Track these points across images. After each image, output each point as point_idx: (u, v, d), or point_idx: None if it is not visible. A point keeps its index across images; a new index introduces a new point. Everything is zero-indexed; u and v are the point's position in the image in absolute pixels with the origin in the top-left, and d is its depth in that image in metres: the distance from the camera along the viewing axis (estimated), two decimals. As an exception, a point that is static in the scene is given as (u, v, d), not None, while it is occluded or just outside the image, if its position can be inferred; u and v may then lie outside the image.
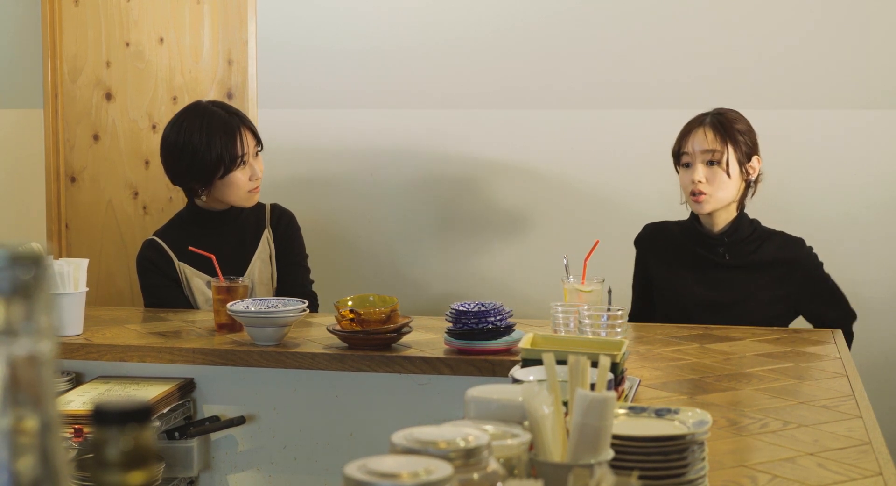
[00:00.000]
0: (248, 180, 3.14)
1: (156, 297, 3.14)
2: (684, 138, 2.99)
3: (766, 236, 3.03)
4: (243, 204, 3.18)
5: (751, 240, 3.01)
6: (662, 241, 3.09)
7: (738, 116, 3.01)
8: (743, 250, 3.00)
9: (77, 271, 2.67)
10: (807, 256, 3.02)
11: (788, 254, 3.00)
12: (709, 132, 2.95)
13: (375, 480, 1.06)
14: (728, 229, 3.00)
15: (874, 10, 3.58)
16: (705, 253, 3.01)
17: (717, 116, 2.98)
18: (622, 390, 1.91)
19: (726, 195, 2.95)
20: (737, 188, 2.97)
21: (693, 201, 2.96)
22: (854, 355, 2.66)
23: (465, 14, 3.79)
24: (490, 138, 3.80)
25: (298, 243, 3.28)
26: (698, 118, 3.01)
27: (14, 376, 0.72)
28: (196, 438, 2.61)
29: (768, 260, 2.99)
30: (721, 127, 2.95)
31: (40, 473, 0.73)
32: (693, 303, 2.99)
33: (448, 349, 2.53)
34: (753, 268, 2.98)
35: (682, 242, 3.05)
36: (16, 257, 0.72)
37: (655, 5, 3.68)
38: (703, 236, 3.01)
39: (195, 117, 3.13)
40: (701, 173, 2.93)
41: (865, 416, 2.02)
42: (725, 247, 3.00)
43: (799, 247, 3.02)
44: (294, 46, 3.90)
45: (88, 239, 4.11)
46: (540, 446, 1.33)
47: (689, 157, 2.96)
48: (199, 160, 3.09)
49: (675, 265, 3.04)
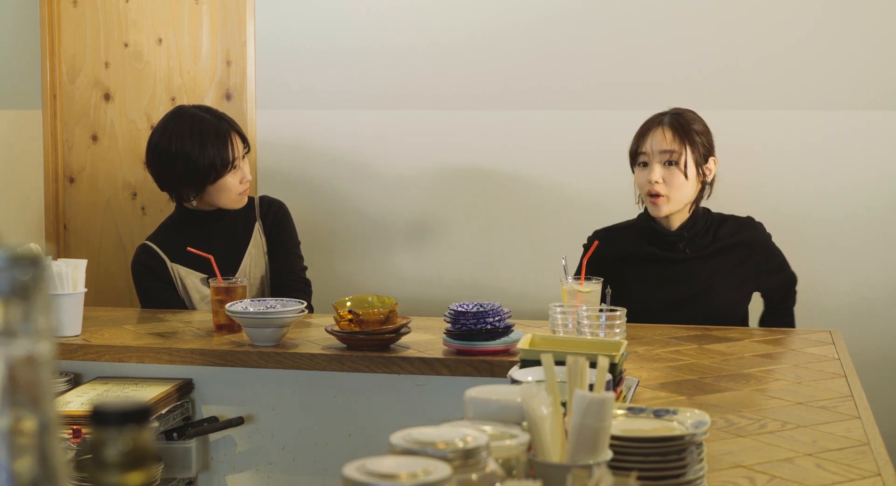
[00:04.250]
0: (239, 183, 3.16)
1: (152, 300, 3.16)
2: (642, 138, 2.97)
3: (719, 222, 3.03)
4: (233, 206, 3.20)
5: (707, 230, 3.00)
6: (618, 246, 3.04)
7: (695, 117, 3.00)
8: (702, 242, 2.99)
9: (76, 272, 2.67)
10: (760, 233, 3.03)
11: (744, 236, 3.00)
12: (667, 132, 2.93)
13: (374, 480, 1.06)
14: (685, 225, 2.98)
15: (874, 10, 3.58)
16: (664, 251, 2.99)
17: (676, 117, 2.97)
18: (621, 391, 1.91)
19: (683, 196, 2.93)
20: (693, 190, 2.95)
21: (650, 203, 2.94)
22: (853, 355, 2.66)
23: (463, 15, 3.79)
24: (490, 139, 3.80)
25: (289, 231, 3.29)
26: (656, 118, 2.99)
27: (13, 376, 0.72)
28: (195, 438, 2.61)
29: (726, 245, 2.99)
30: (680, 127, 2.94)
31: (39, 473, 0.73)
32: (658, 302, 2.96)
33: (447, 350, 2.53)
34: (713, 256, 2.98)
35: (638, 242, 3.02)
36: (14, 258, 0.72)
37: (653, 7, 3.68)
38: (661, 235, 2.99)
39: (184, 124, 3.14)
40: (658, 174, 2.91)
41: (864, 416, 2.02)
42: (686, 242, 2.98)
43: (752, 227, 3.03)
44: (293, 47, 3.90)
45: (87, 240, 4.11)
46: (538, 446, 1.33)
47: (647, 156, 2.95)
48: (193, 167, 3.10)
49: (635, 268, 3.00)
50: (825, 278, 3.57)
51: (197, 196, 3.18)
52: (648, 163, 2.94)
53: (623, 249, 3.03)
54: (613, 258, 3.02)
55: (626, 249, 3.03)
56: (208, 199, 3.18)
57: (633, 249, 3.02)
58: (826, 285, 3.57)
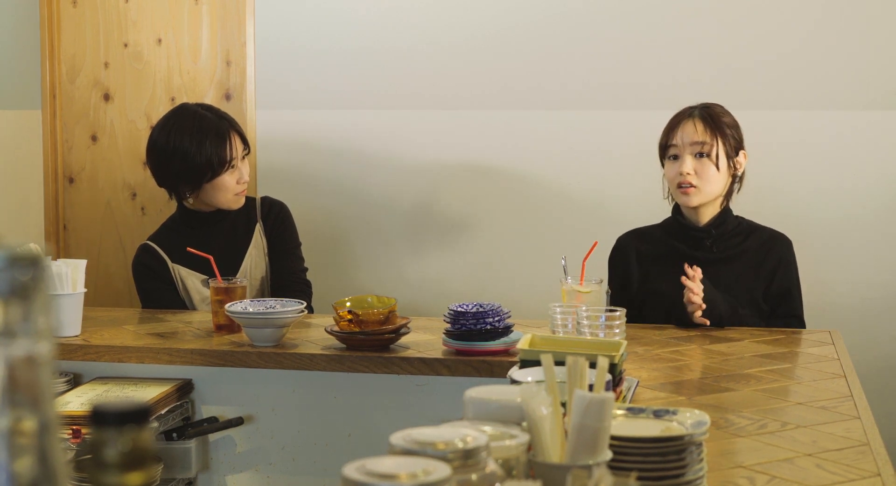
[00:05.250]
0: (236, 184, 3.16)
1: (152, 300, 3.17)
2: (672, 130, 2.97)
3: (751, 230, 3.02)
4: (229, 206, 3.20)
5: (737, 232, 2.99)
6: (644, 247, 3.03)
7: (724, 110, 3.01)
8: (729, 243, 2.98)
9: (75, 272, 2.67)
10: (790, 254, 3.00)
11: (774, 249, 2.98)
12: (699, 124, 2.94)
13: (374, 481, 1.06)
14: (714, 222, 2.97)
15: (874, 11, 3.58)
16: (690, 249, 2.97)
17: (706, 109, 2.98)
18: (620, 391, 1.91)
19: (714, 189, 2.94)
20: (724, 182, 2.95)
21: (681, 193, 2.94)
22: (853, 356, 2.66)
23: (463, 15, 3.79)
24: (489, 139, 3.80)
25: (290, 232, 3.30)
26: (686, 111, 3.00)
27: (12, 376, 0.72)
28: (194, 439, 2.61)
29: (752, 251, 2.97)
30: (711, 119, 2.95)
31: (39, 474, 0.73)
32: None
33: (446, 350, 2.53)
34: (737, 260, 2.96)
35: (666, 241, 3.01)
36: (14, 258, 0.72)
37: (653, 7, 3.68)
38: (689, 230, 2.98)
39: (185, 120, 3.15)
40: (689, 165, 2.92)
41: (864, 417, 2.02)
42: (713, 239, 2.97)
43: (786, 245, 3.00)
44: (293, 47, 3.90)
45: (87, 240, 4.11)
46: (538, 447, 1.33)
47: (678, 148, 2.95)
48: (190, 163, 3.11)
49: (661, 267, 2.97)
50: (825, 277, 3.57)
51: (193, 194, 3.19)
52: (679, 155, 2.94)
53: (650, 248, 3.03)
54: (639, 258, 3.02)
55: (653, 248, 3.02)
56: (204, 197, 3.19)
57: (661, 247, 3.01)
58: (826, 285, 3.57)
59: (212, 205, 3.21)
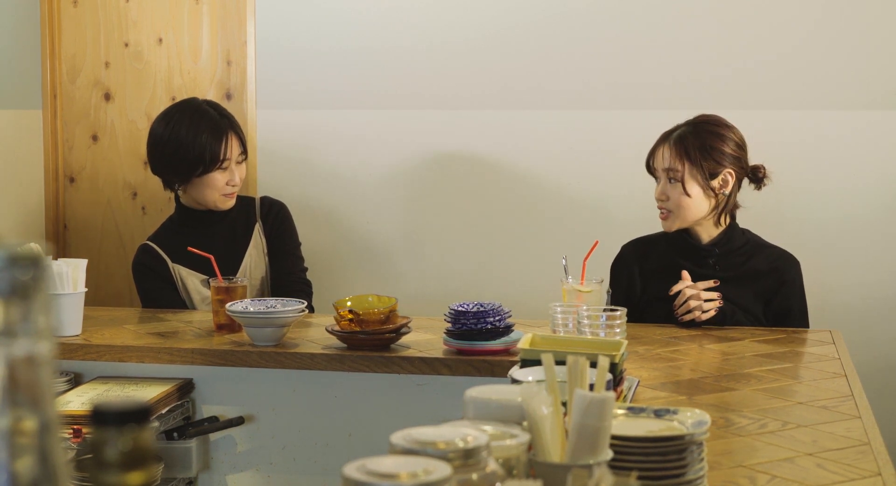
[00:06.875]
0: (226, 185, 3.16)
1: (153, 300, 3.17)
2: (651, 154, 2.97)
3: (759, 248, 2.97)
4: (216, 206, 3.20)
5: (742, 251, 2.95)
6: (648, 255, 3.01)
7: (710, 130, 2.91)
8: (734, 262, 2.93)
9: (76, 272, 2.67)
10: (795, 274, 2.94)
11: (780, 269, 2.93)
12: (667, 151, 2.90)
13: (374, 480, 1.06)
14: (719, 240, 2.94)
15: (874, 10, 3.58)
16: (693, 266, 2.91)
17: (683, 134, 2.91)
18: (621, 391, 1.91)
19: (690, 214, 2.89)
20: (704, 206, 2.89)
21: (660, 217, 2.95)
22: (853, 356, 2.66)
23: (463, 15, 3.79)
24: (489, 139, 3.80)
25: (290, 232, 3.30)
26: (665, 134, 2.95)
27: (13, 376, 0.72)
28: (195, 438, 2.61)
29: (758, 272, 2.92)
30: (682, 145, 2.88)
31: (39, 473, 0.73)
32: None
33: (447, 350, 2.53)
34: (741, 280, 2.91)
35: (670, 256, 2.97)
36: (14, 258, 0.72)
37: (653, 7, 3.68)
38: (693, 248, 2.94)
39: (186, 112, 3.17)
40: (661, 190, 2.92)
41: (864, 416, 2.02)
42: (716, 258, 2.93)
43: (792, 266, 2.95)
44: (293, 47, 3.90)
45: (87, 240, 4.11)
46: (539, 446, 1.33)
47: (656, 172, 2.96)
48: (182, 155, 3.12)
49: (664, 283, 2.90)
50: (825, 277, 3.57)
51: (182, 187, 3.19)
52: (658, 178, 2.95)
53: (655, 257, 3.00)
54: (641, 270, 3.00)
55: (658, 258, 2.99)
56: (192, 192, 3.19)
57: (664, 259, 2.97)
58: (826, 284, 3.57)
59: (200, 202, 3.20)
